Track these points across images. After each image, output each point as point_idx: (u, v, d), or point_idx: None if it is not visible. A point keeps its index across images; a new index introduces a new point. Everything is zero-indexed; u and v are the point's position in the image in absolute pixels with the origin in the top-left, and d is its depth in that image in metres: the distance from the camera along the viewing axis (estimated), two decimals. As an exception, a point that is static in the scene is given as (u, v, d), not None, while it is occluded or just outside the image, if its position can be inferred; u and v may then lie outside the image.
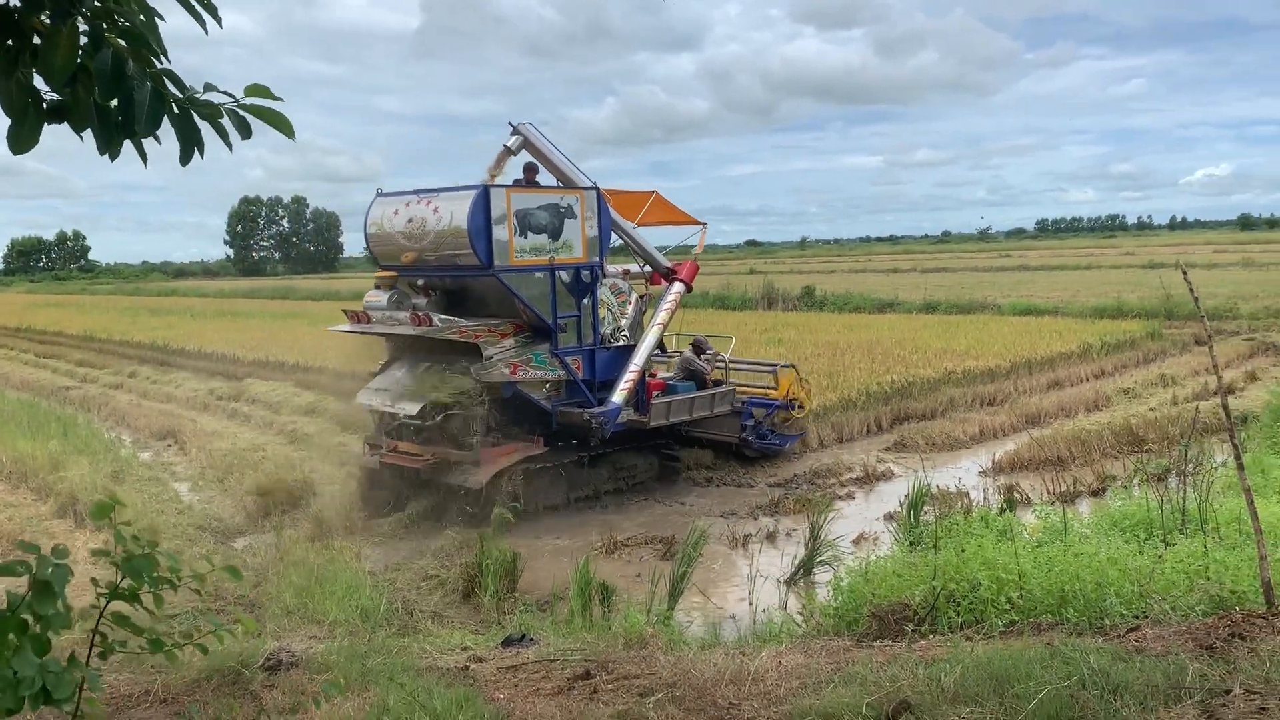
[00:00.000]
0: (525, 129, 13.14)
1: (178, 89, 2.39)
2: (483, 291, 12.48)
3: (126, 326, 39.39)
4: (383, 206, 12.82)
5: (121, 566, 2.60)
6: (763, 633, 7.19)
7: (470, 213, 11.54)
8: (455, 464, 11.86)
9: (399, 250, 12.54)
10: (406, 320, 12.07)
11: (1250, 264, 49.05)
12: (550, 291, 12.30)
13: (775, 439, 14.91)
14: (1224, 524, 7.39)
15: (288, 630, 7.39)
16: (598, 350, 12.93)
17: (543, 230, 12.21)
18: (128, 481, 13.06)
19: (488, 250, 11.65)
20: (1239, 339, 25.02)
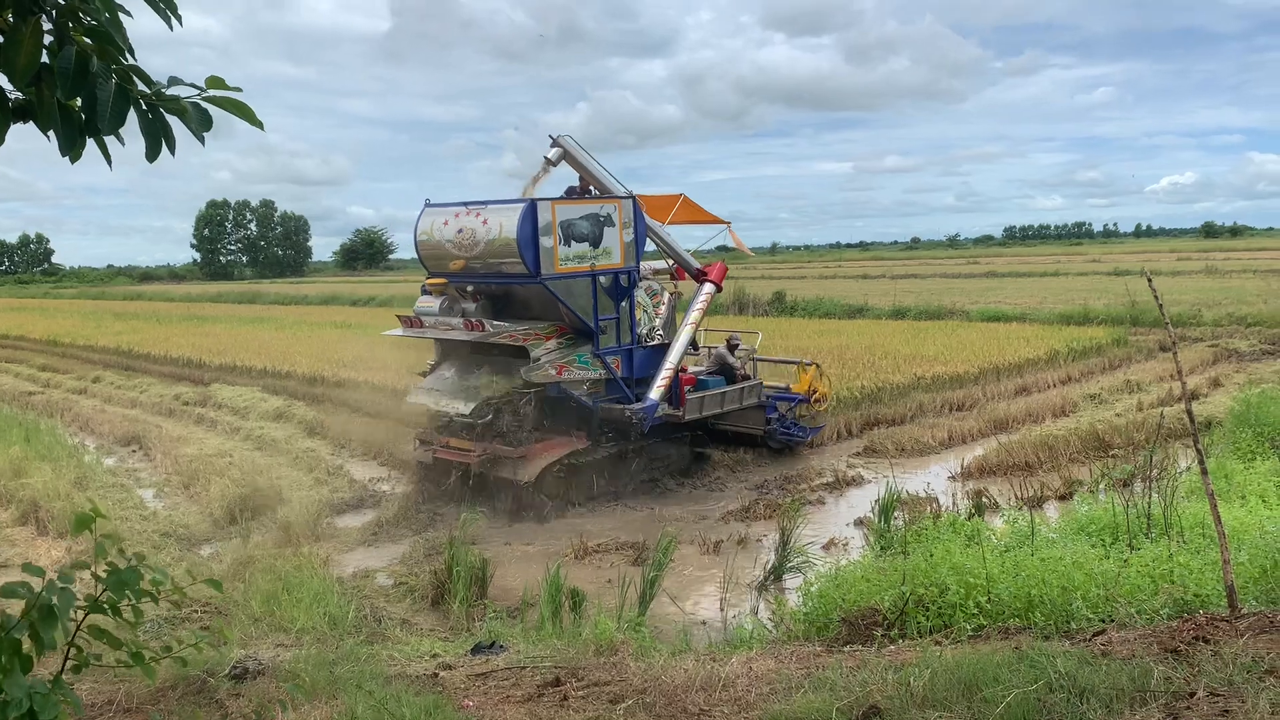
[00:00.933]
0: (564, 141, 13.93)
1: (145, 84, 2.36)
2: (526, 297, 13.16)
3: (91, 331, 38.90)
4: (431, 217, 13.47)
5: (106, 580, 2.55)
6: (733, 638, 7.19)
7: (519, 224, 12.23)
8: (505, 459, 12.50)
9: (448, 258, 13.24)
10: (459, 325, 12.84)
11: (1213, 271, 49.72)
12: (592, 296, 13.01)
13: (798, 431, 15.52)
14: (1188, 528, 7.48)
15: (254, 638, 7.30)
16: (635, 349, 13.67)
17: (584, 239, 12.89)
18: (91, 488, 12.87)
19: (535, 259, 12.34)
20: (1203, 345, 25.34)
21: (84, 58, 2.22)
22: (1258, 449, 11.29)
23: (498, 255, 12.62)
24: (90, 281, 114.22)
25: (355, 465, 15.44)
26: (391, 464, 15.38)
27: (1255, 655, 4.51)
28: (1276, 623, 4.98)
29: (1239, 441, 11.74)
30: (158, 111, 2.37)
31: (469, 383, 13.04)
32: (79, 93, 2.22)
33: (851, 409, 17.52)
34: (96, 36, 2.26)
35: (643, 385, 13.50)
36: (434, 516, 12.37)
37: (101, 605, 2.55)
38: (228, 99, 2.46)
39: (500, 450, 12.54)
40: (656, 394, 13.34)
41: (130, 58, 2.32)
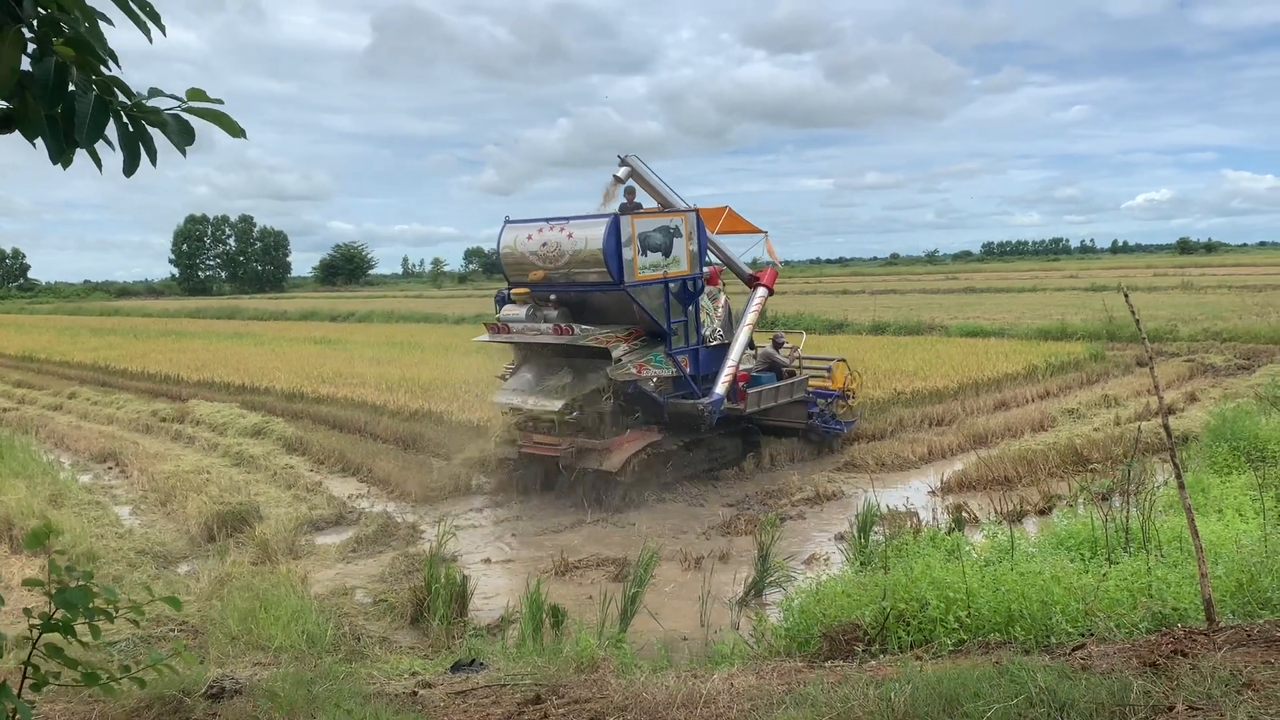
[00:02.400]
0: (632, 160, 15.28)
1: (125, 96, 2.35)
2: (602, 303, 14.22)
3: (67, 346, 38.60)
4: (514, 231, 14.62)
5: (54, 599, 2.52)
6: (715, 655, 7.17)
7: (605, 237, 13.38)
8: (591, 451, 13.67)
9: (530, 269, 14.36)
10: (548, 330, 13.87)
11: (1189, 287, 50.23)
12: (664, 301, 14.25)
13: (835, 424, 16.77)
14: (1166, 542, 7.52)
15: (231, 657, 7.23)
16: (700, 349, 14.96)
17: (658, 249, 14.14)
18: (66, 505, 12.74)
19: (619, 268, 13.50)
20: (1179, 360, 25.55)
21: (63, 69, 2.21)
22: (1234, 463, 11.38)
23: (583, 265, 13.75)
24: (67, 297, 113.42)
25: (334, 482, 15.35)
26: (370, 480, 15.31)
27: (1233, 669, 4.53)
28: (1254, 636, 5.01)
29: (1215, 456, 11.83)
30: (138, 124, 2.36)
31: (550, 383, 14.23)
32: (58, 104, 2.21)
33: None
34: (77, 46, 2.25)
35: (707, 382, 14.75)
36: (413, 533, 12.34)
37: (55, 624, 2.51)
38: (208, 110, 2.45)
39: (586, 443, 13.72)
40: (721, 389, 14.59)
41: (111, 67, 2.31)
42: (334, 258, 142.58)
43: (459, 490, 14.58)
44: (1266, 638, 4.96)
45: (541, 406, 13.84)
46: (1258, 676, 4.43)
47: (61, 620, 2.53)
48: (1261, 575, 6.21)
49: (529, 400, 14.09)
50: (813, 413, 16.48)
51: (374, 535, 11.90)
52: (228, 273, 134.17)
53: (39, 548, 2.55)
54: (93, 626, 2.57)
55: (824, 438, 16.60)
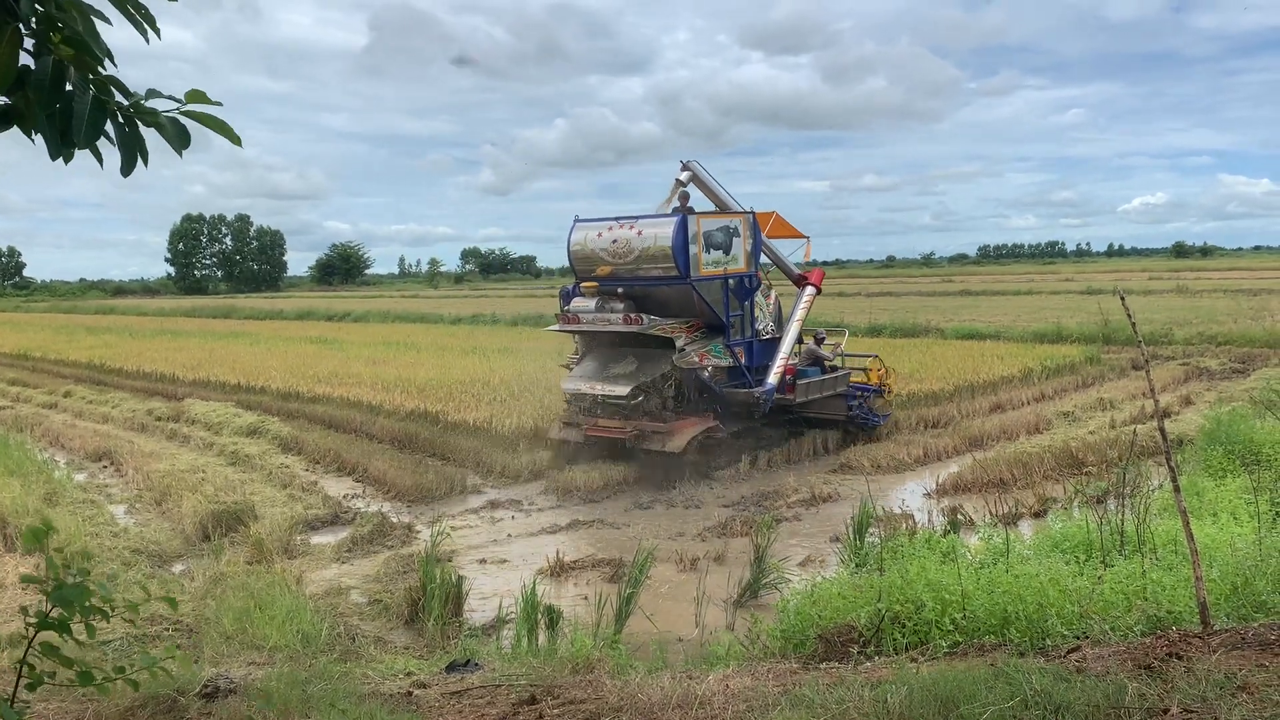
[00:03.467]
0: (693, 165, 16.44)
1: (122, 95, 2.34)
2: (665, 296, 15.23)
3: (62, 345, 38.53)
4: (584, 230, 15.79)
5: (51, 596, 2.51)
6: (710, 656, 7.16)
7: (674, 234, 14.57)
8: (654, 434, 14.69)
9: (598, 265, 15.45)
10: (617, 320, 14.95)
11: (1184, 291, 50.34)
12: (724, 296, 15.37)
13: (874, 417, 17.65)
14: (1161, 545, 7.52)
15: (226, 656, 7.22)
16: (754, 342, 16.11)
17: (719, 247, 15.28)
18: (61, 504, 12.70)
19: (686, 264, 14.67)
20: (1174, 364, 25.60)
21: (60, 67, 2.20)
22: (1228, 466, 11.39)
23: (651, 261, 14.90)
24: (62, 295, 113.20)
25: (330, 481, 15.33)
26: (366, 480, 15.29)
27: (1228, 672, 4.54)
28: (1248, 639, 5.01)
29: (1210, 459, 11.84)
30: (134, 125, 2.36)
31: (614, 370, 15.38)
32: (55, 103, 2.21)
33: (827, 425, 17.63)
34: (75, 45, 2.25)
35: (759, 373, 15.89)
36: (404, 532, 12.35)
37: (51, 622, 2.50)
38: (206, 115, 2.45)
39: (650, 426, 14.79)
40: (774, 379, 15.77)
41: (109, 66, 2.31)
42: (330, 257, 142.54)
43: (454, 490, 14.56)
44: (1261, 641, 4.96)
45: (608, 391, 14.96)
46: (1252, 679, 4.44)
47: (58, 619, 2.52)
48: (1256, 578, 6.22)
49: (596, 386, 15.21)
50: (852, 405, 17.34)
51: (369, 535, 11.88)
52: (224, 272, 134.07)
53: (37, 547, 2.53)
54: (88, 625, 2.56)
55: (862, 428, 17.41)
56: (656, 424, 14.86)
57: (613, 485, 14.59)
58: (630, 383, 14.86)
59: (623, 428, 14.83)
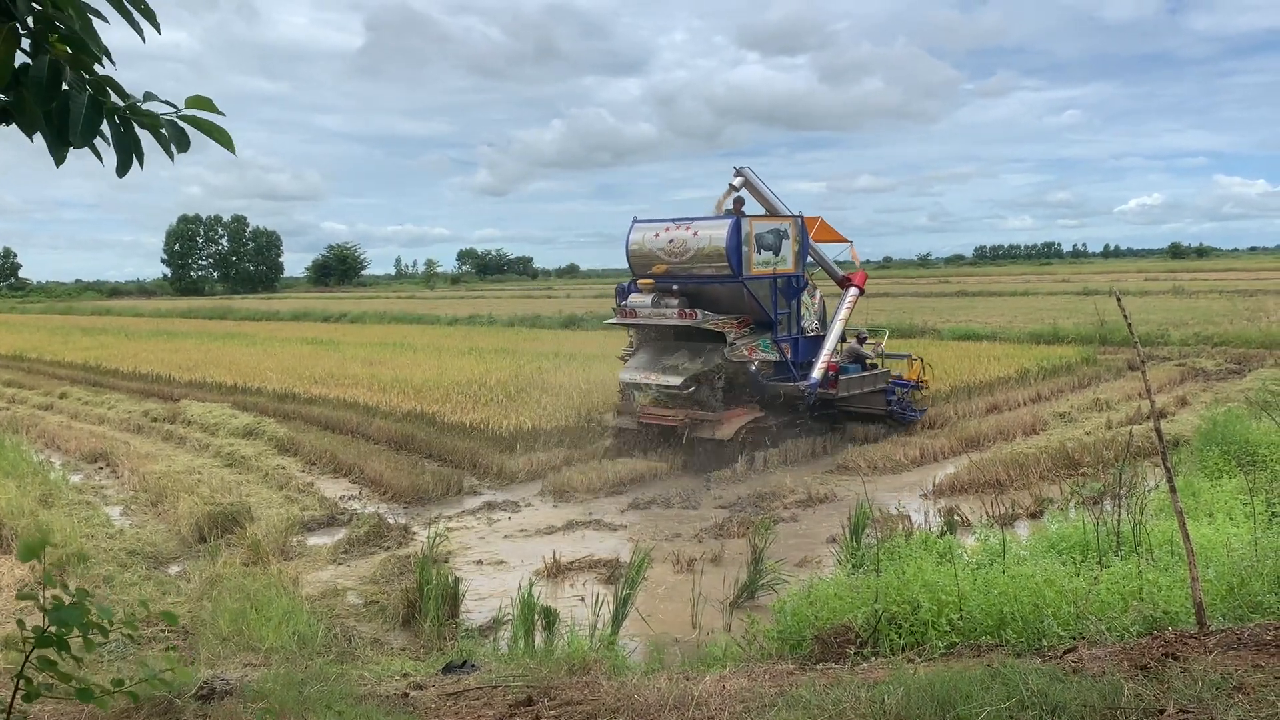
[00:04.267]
0: (746, 171, 17.43)
1: (118, 96, 2.34)
2: (716, 293, 16.24)
3: (58, 346, 38.47)
4: (642, 231, 16.87)
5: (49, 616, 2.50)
6: (707, 657, 7.16)
7: (729, 235, 15.63)
8: (705, 422, 15.73)
9: (654, 263, 16.55)
10: (672, 314, 16.00)
11: (1180, 291, 50.42)
12: (772, 294, 16.36)
13: (911, 411, 18.60)
14: (1157, 546, 7.53)
15: (222, 658, 7.21)
16: (799, 339, 17.06)
17: (769, 249, 16.30)
18: (57, 505, 12.68)
19: (739, 263, 15.72)
20: (1170, 364, 25.63)
21: (57, 66, 2.20)
22: (1224, 467, 11.41)
23: (706, 260, 15.93)
24: (58, 296, 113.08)
25: (326, 483, 15.31)
26: (362, 481, 15.27)
27: (1224, 672, 4.54)
28: (1244, 640, 5.02)
29: (1206, 460, 11.85)
30: (129, 126, 2.35)
31: (668, 362, 16.35)
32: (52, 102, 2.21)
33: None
34: (72, 43, 2.24)
35: (803, 368, 16.77)
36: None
37: (49, 638, 2.49)
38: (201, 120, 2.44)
39: (701, 415, 15.81)
40: (818, 374, 16.70)
41: (105, 65, 2.31)
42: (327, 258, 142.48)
43: (451, 491, 14.56)
44: (1257, 641, 4.97)
45: (663, 382, 15.96)
46: (1248, 680, 4.44)
47: (55, 635, 2.51)
48: (1252, 579, 6.23)
49: (651, 376, 16.21)
50: (891, 400, 18.20)
51: (366, 536, 11.86)
52: (220, 273, 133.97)
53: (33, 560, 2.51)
54: (87, 641, 2.56)
55: (900, 421, 18.25)
56: (707, 413, 15.83)
57: (609, 485, 14.59)
58: (683, 374, 15.81)
59: (675, 415, 15.88)
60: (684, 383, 15.72)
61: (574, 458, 16.05)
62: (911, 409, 18.66)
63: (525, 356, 27.99)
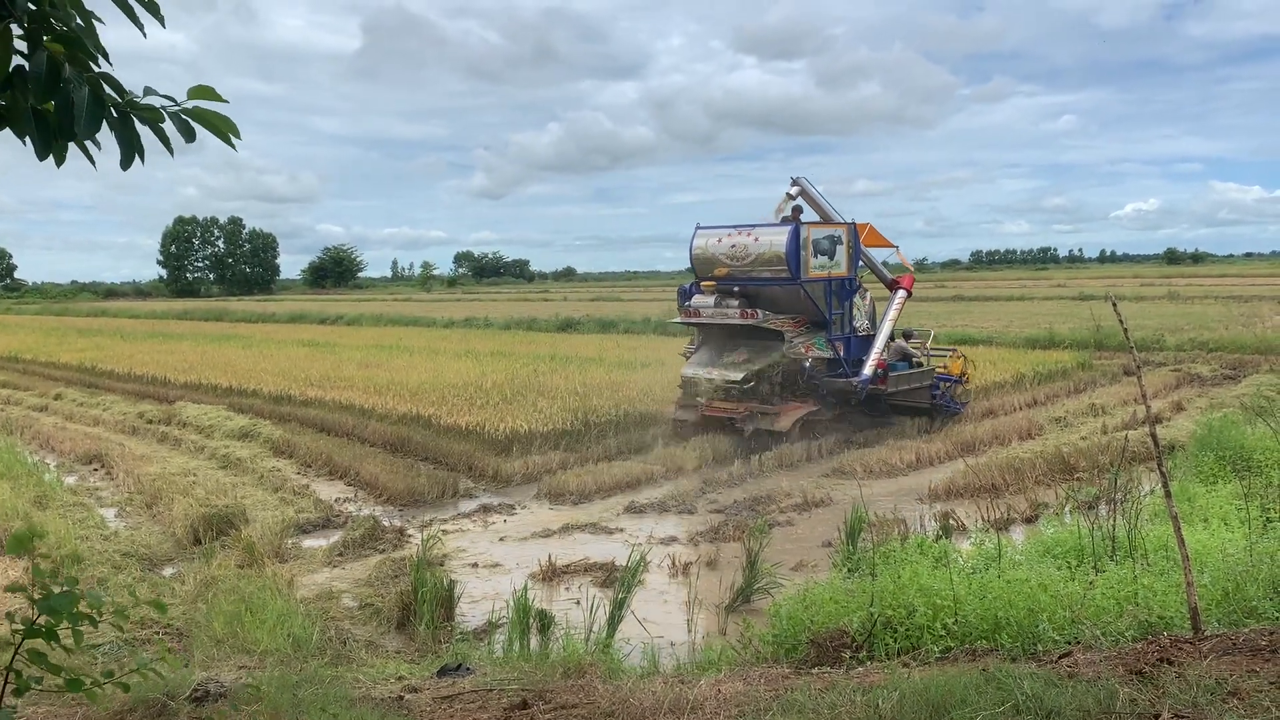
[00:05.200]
0: (802, 181, 18.48)
1: (116, 93, 2.33)
2: (774, 295, 17.41)
3: (53, 347, 38.40)
4: (705, 236, 18.11)
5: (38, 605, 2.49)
6: (702, 661, 7.16)
7: (788, 241, 16.83)
8: (764, 414, 16.85)
9: (716, 266, 17.75)
10: (734, 315, 17.29)
11: (1176, 297, 50.52)
12: (827, 296, 17.57)
13: (954, 404, 19.57)
14: (1152, 551, 7.54)
15: (216, 660, 7.19)
16: (851, 338, 18.18)
17: (825, 253, 17.44)
18: (51, 507, 12.65)
19: (797, 267, 16.90)
20: (1166, 370, 25.67)
21: (56, 63, 2.19)
22: (1220, 472, 11.42)
23: (766, 264, 17.12)
24: (53, 297, 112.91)
25: (321, 485, 15.29)
26: (358, 483, 15.26)
27: (1219, 677, 4.54)
28: (1240, 645, 5.02)
29: (1201, 465, 11.87)
30: (129, 121, 2.35)
31: (729, 358, 17.57)
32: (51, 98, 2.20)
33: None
34: (68, 43, 2.24)
35: (855, 365, 17.84)
36: (396, 537, 12.35)
37: (38, 630, 2.48)
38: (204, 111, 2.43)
39: (760, 408, 16.92)
40: (868, 371, 17.67)
41: (102, 64, 2.30)
42: (323, 260, 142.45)
43: (447, 494, 14.54)
44: (1252, 646, 4.97)
45: (725, 377, 17.12)
46: (1243, 685, 4.44)
47: (45, 626, 2.50)
48: (1247, 584, 6.24)
49: (712, 372, 17.37)
50: (935, 394, 19.17)
51: (361, 539, 11.84)
52: (216, 274, 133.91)
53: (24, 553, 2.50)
54: (76, 632, 2.54)
55: (944, 414, 19.20)
56: (766, 406, 16.98)
57: (605, 489, 14.58)
58: (745, 370, 17.00)
59: (736, 408, 16.91)
60: (745, 378, 16.91)
61: (570, 461, 16.04)
62: (955, 402, 19.61)
63: (521, 359, 27.97)
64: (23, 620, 2.50)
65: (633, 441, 17.27)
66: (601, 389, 20.74)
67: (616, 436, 17.28)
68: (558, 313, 52.59)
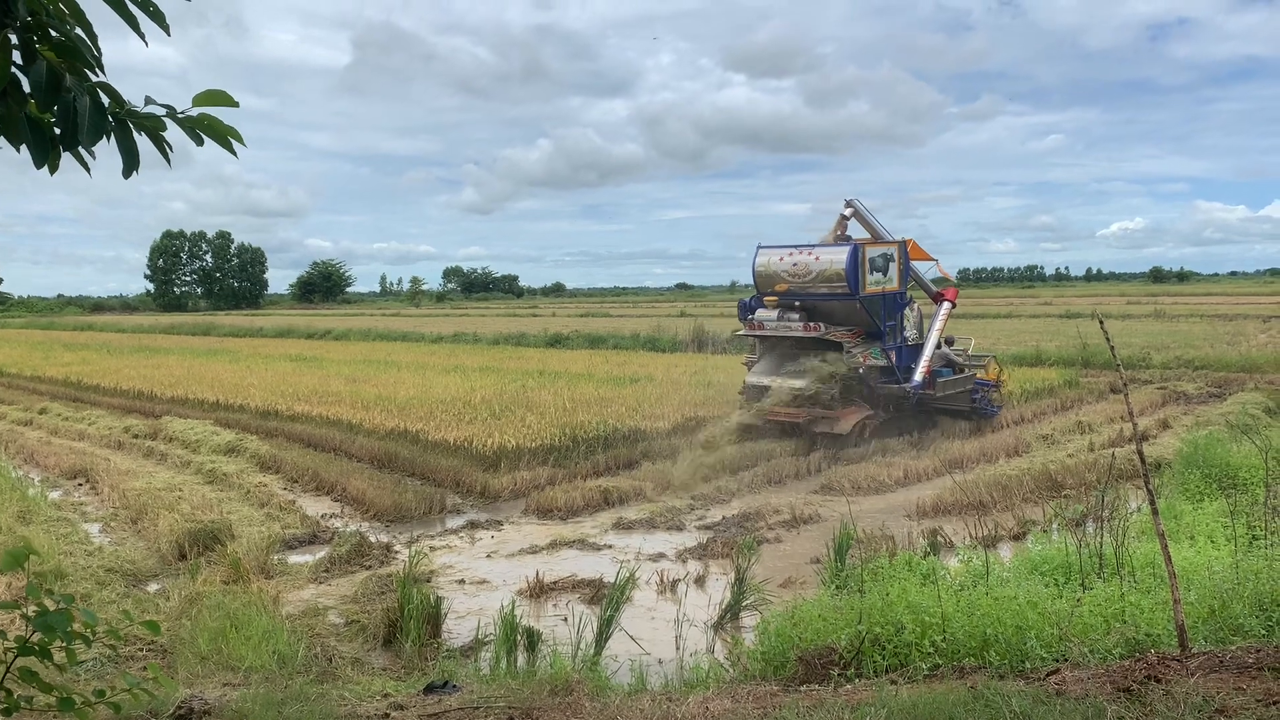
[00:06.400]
0: (855, 203, 19.83)
1: (115, 103, 2.33)
2: (831, 308, 18.83)
3: (39, 361, 38.21)
4: (767, 255, 19.56)
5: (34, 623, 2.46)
6: (690, 678, 7.14)
7: (848, 260, 18.30)
8: (825, 418, 18.27)
9: (777, 282, 19.20)
10: (797, 328, 18.78)
11: (1162, 315, 50.78)
12: (882, 309, 18.93)
13: (991, 407, 21.02)
14: (1139, 568, 7.56)
15: (201, 677, 7.13)
16: (902, 347, 19.42)
17: (879, 270, 18.82)
18: (35, 522, 12.56)
19: (856, 283, 18.32)
20: (1152, 388, 25.79)
21: (57, 72, 2.18)
22: (1206, 490, 11.47)
23: (827, 281, 18.57)
24: (39, 311, 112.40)
25: (308, 500, 15.22)
26: (344, 499, 15.18)
27: (1205, 695, 4.55)
28: (1226, 662, 5.03)
29: (1188, 482, 11.91)
30: (127, 129, 2.34)
31: (791, 367, 19.05)
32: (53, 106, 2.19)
33: (810, 446, 17.75)
34: (65, 52, 2.23)
35: (905, 373, 19.16)
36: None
37: (31, 648, 2.45)
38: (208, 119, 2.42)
39: (821, 413, 18.33)
40: (919, 377, 19.10)
41: (99, 74, 2.29)
42: (311, 275, 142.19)
43: (434, 510, 14.49)
44: (1239, 664, 4.98)
45: (789, 385, 18.56)
46: (1230, 702, 4.45)
47: (38, 644, 2.47)
48: (1233, 602, 6.25)
49: (776, 380, 18.88)
50: (975, 398, 20.57)
51: (347, 555, 11.77)
52: (204, 289, 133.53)
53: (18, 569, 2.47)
54: (69, 651, 2.51)
55: (983, 416, 20.65)
56: (827, 411, 18.32)
57: (594, 505, 14.55)
58: (808, 377, 18.36)
59: (799, 413, 18.28)
60: (808, 385, 18.28)
61: (558, 476, 16.00)
62: (991, 405, 21.02)
63: (510, 375, 27.94)
64: (15, 637, 2.47)
65: (621, 457, 17.26)
66: (590, 404, 20.72)
67: (605, 452, 17.25)
68: (546, 328, 52.58)
